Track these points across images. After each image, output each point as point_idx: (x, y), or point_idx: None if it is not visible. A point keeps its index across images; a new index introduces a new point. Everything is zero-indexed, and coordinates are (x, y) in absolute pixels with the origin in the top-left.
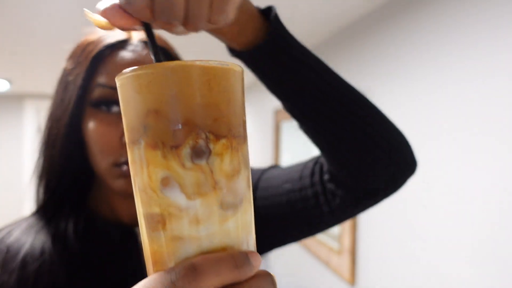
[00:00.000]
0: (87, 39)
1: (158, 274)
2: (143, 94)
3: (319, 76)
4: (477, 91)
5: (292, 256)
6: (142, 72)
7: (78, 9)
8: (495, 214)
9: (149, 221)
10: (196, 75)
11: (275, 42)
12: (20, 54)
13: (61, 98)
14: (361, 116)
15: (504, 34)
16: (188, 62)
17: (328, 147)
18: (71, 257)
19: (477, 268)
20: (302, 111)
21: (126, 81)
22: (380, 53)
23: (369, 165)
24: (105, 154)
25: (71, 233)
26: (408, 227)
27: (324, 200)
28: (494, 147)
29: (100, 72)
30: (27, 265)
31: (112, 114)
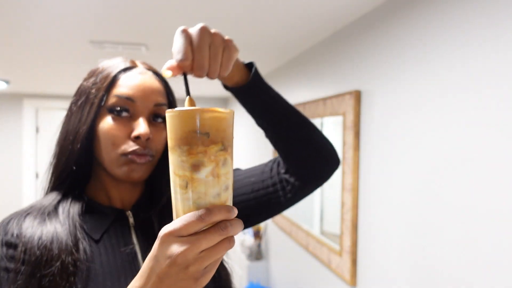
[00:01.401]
0: (104, 66)
1: (190, 213)
2: (177, 122)
3: (279, 105)
4: (477, 91)
5: (292, 257)
6: (184, 110)
7: (77, 9)
8: (496, 214)
9: (182, 185)
10: (205, 114)
11: (254, 84)
12: (18, 55)
13: (83, 104)
14: (306, 131)
15: (504, 34)
16: (205, 109)
17: (285, 150)
18: (76, 233)
19: (478, 269)
20: (267, 127)
21: (175, 114)
22: (378, 53)
23: (311, 162)
24: (116, 145)
25: (76, 214)
26: (409, 228)
27: (280, 187)
28: (494, 147)
29: (116, 87)
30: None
31: (123, 117)
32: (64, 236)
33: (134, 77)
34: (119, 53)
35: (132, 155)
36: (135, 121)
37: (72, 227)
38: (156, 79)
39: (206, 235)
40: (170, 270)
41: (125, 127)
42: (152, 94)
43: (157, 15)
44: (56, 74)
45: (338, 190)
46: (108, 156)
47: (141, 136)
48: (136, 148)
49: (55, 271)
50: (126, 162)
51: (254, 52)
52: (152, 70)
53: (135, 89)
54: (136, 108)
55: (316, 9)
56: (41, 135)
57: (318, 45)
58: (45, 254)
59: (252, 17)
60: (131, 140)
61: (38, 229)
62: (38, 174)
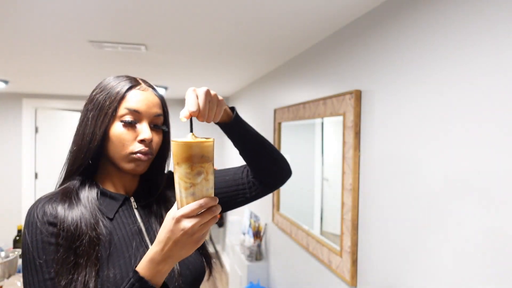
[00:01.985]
0: (112, 83)
1: (194, 202)
2: (185, 149)
3: (250, 134)
4: (477, 91)
5: (292, 257)
6: (179, 141)
7: (76, 9)
8: (497, 214)
9: (186, 187)
10: (201, 144)
11: (235, 122)
12: (17, 55)
13: (97, 113)
14: (269, 151)
15: (504, 34)
16: (200, 140)
17: (252, 164)
18: (96, 214)
19: (478, 269)
20: (241, 149)
21: (177, 143)
22: (379, 53)
23: (270, 172)
24: (125, 146)
25: (94, 197)
26: (409, 228)
27: (248, 187)
28: (494, 147)
29: (126, 101)
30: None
31: (131, 125)
32: (88, 217)
33: (139, 93)
34: (119, 53)
35: (138, 154)
36: (140, 127)
37: (93, 209)
38: (155, 95)
39: (203, 215)
40: (182, 238)
41: (132, 132)
42: (153, 107)
43: (157, 15)
44: (55, 74)
45: (338, 190)
46: (119, 155)
47: (146, 139)
48: (142, 149)
49: (85, 244)
50: (133, 159)
51: (254, 52)
52: (151, 87)
53: (140, 103)
54: (140, 118)
55: (316, 9)
56: (40, 135)
57: (318, 45)
58: (77, 230)
59: (252, 17)
60: (138, 142)
61: (69, 211)
62: (37, 174)
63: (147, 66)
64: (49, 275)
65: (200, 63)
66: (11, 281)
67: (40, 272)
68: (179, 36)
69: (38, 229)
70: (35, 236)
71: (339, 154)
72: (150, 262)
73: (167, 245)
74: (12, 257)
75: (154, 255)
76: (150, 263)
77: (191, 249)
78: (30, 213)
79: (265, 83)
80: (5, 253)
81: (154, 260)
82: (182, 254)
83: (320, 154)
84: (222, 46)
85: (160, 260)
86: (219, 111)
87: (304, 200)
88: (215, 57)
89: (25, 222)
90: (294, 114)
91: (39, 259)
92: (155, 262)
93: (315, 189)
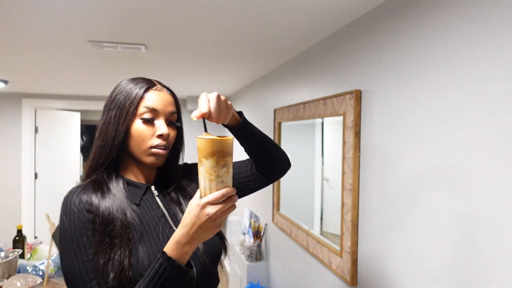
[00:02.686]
0: (130, 85)
1: (218, 191)
2: (213, 145)
3: (256, 135)
4: (477, 91)
5: (292, 257)
6: (206, 138)
7: (76, 9)
8: (498, 215)
9: (211, 178)
10: (226, 141)
11: (243, 125)
12: (17, 55)
13: (119, 111)
14: (271, 148)
15: (504, 33)
16: (219, 138)
17: (256, 159)
18: (125, 201)
19: (478, 270)
20: (247, 147)
21: (205, 140)
22: (379, 53)
23: (272, 166)
24: (145, 141)
25: (121, 187)
26: (409, 228)
27: (252, 179)
28: (494, 147)
29: (144, 100)
30: (108, 208)
31: (150, 121)
32: (119, 204)
33: (156, 93)
34: (119, 53)
35: (156, 149)
36: (158, 124)
37: (122, 197)
38: (169, 94)
39: (225, 202)
40: (207, 222)
41: (151, 128)
42: (168, 105)
43: (157, 15)
44: (55, 74)
45: (338, 190)
46: (140, 149)
47: (164, 134)
48: (160, 143)
49: (118, 227)
50: (152, 153)
51: (255, 52)
52: (166, 88)
53: (157, 102)
54: (158, 115)
55: (316, 9)
56: (40, 135)
57: (318, 45)
58: (110, 216)
59: (252, 17)
60: (156, 137)
61: (102, 199)
62: (37, 174)
63: (147, 66)
64: (87, 257)
65: (200, 63)
66: (10, 281)
67: (79, 254)
68: (179, 36)
69: (76, 215)
70: (73, 222)
71: (339, 154)
72: (176, 243)
73: (192, 229)
74: (12, 257)
75: (180, 237)
76: (176, 244)
77: (212, 232)
78: (67, 202)
79: (265, 83)
80: (4, 253)
81: (180, 242)
82: (205, 236)
83: (320, 154)
84: (222, 46)
85: (186, 242)
86: (228, 114)
87: (304, 200)
88: (215, 57)
89: (63, 210)
90: (294, 114)
91: (78, 243)
92: (181, 243)
93: (315, 189)
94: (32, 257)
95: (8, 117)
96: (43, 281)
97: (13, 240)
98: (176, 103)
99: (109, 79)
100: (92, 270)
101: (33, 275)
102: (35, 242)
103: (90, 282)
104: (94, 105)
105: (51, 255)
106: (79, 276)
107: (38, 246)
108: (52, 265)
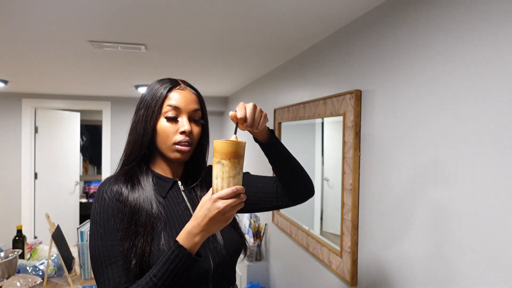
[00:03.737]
0: (157, 86)
1: (230, 188)
2: (225, 146)
3: (285, 154)
4: (477, 91)
5: (292, 257)
6: (224, 141)
7: (76, 9)
8: (499, 215)
9: (224, 177)
10: (240, 144)
11: (273, 142)
12: (17, 55)
13: (146, 111)
14: (298, 171)
15: (504, 33)
16: (236, 141)
17: (283, 180)
18: (153, 193)
19: (478, 270)
20: (275, 165)
21: (222, 142)
22: (379, 53)
23: (297, 190)
24: (169, 138)
25: (151, 182)
26: (409, 228)
27: (275, 196)
28: (495, 147)
29: (168, 99)
30: (136, 199)
31: (173, 119)
32: (147, 195)
33: (179, 92)
34: (119, 52)
35: (179, 145)
36: (181, 121)
37: (150, 190)
38: (192, 92)
39: (235, 198)
40: (217, 215)
41: (175, 125)
42: (191, 103)
43: (157, 15)
44: (55, 74)
45: (338, 190)
46: (165, 145)
47: (186, 131)
48: (182, 139)
49: (143, 217)
50: (176, 149)
51: (255, 52)
52: (189, 86)
53: (180, 101)
54: (181, 113)
55: (316, 9)
56: (40, 135)
57: (318, 45)
58: (137, 207)
59: (252, 17)
60: (179, 133)
61: (131, 191)
62: (37, 174)
63: (147, 66)
64: (112, 242)
65: (200, 63)
66: (10, 281)
67: (105, 239)
68: (179, 36)
69: (106, 203)
70: (103, 209)
71: (339, 154)
72: (188, 234)
73: (204, 221)
74: (12, 258)
75: (191, 228)
76: (188, 234)
77: (221, 225)
78: (100, 190)
79: (265, 83)
80: (4, 254)
81: (191, 232)
82: (215, 229)
83: (320, 154)
84: (222, 46)
85: (197, 233)
86: (263, 121)
87: None
88: (215, 57)
89: (96, 197)
90: (294, 114)
91: (105, 228)
92: (192, 234)
93: (315, 189)
94: (32, 257)
95: (8, 117)
96: (43, 281)
97: (13, 240)
98: (200, 101)
99: (109, 79)
100: (115, 254)
101: (33, 275)
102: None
103: (112, 265)
104: (94, 105)
105: (51, 255)
106: (102, 258)
107: (38, 246)
108: (52, 265)
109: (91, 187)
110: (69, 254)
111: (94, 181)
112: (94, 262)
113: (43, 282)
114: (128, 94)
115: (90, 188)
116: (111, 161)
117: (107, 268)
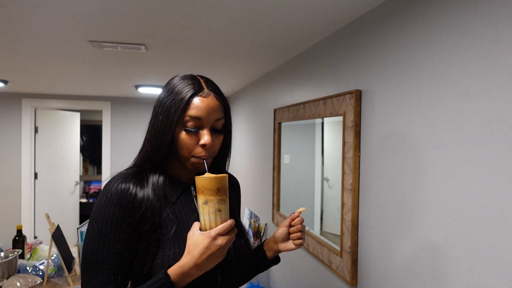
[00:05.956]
0: (179, 87)
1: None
2: (213, 182)
3: None
4: (477, 91)
5: (292, 257)
6: (210, 176)
7: (76, 9)
8: (499, 215)
9: (214, 212)
10: (223, 178)
11: (273, 263)
12: (17, 55)
13: (166, 116)
14: None
15: (503, 33)
16: (219, 175)
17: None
18: (161, 197)
19: (479, 270)
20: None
21: (206, 178)
22: (379, 52)
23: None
24: (188, 150)
25: (161, 183)
26: (409, 228)
27: None
28: (495, 147)
29: (189, 109)
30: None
31: (193, 131)
32: (154, 197)
33: (201, 101)
34: (119, 52)
35: (198, 158)
36: (202, 132)
37: (158, 192)
38: (216, 99)
39: (231, 233)
40: (216, 252)
41: (195, 137)
42: (214, 112)
43: (157, 15)
44: (55, 73)
45: (338, 190)
46: (183, 156)
47: (206, 144)
48: (202, 154)
49: (149, 218)
50: (194, 162)
51: (254, 52)
52: (213, 91)
53: (201, 111)
54: (202, 124)
55: (316, 8)
56: (40, 135)
57: (318, 44)
58: (142, 207)
59: (252, 17)
60: (199, 146)
61: (140, 191)
62: (37, 174)
63: (147, 66)
64: (109, 248)
65: (200, 63)
66: (10, 281)
67: (102, 241)
68: (179, 36)
69: (110, 201)
70: (105, 205)
71: (339, 154)
72: (181, 270)
73: (201, 259)
74: (12, 258)
75: (184, 265)
76: (181, 269)
77: (218, 261)
78: (107, 187)
79: (265, 83)
80: (4, 254)
81: (184, 270)
82: (210, 266)
83: (320, 154)
84: (222, 46)
85: (191, 269)
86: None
87: (304, 200)
88: (215, 57)
89: (101, 193)
90: (294, 114)
91: (106, 229)
92: (185, 271)
93: (315, 189)
94: (32, 257)
95: (8, 117)
96: (43, 281)
97: (13, 240)
98: (224, 107)
99: (109, 79)
100: (108, 260)
101: (33, 275)
102: (35, 242)
103: (102, 271)
104: (94, 105)
105: (51, 255)
106: (93, 261)
107: (38, 246)
108: (52, 265)
109: (91, 187)
110: (69, 254)
111: (94, 181)
112: (84, 262)
113: (43, 282)
114: (128, 94)
115: (90, 188)
116: (111, 161)
117: (96, 273)
